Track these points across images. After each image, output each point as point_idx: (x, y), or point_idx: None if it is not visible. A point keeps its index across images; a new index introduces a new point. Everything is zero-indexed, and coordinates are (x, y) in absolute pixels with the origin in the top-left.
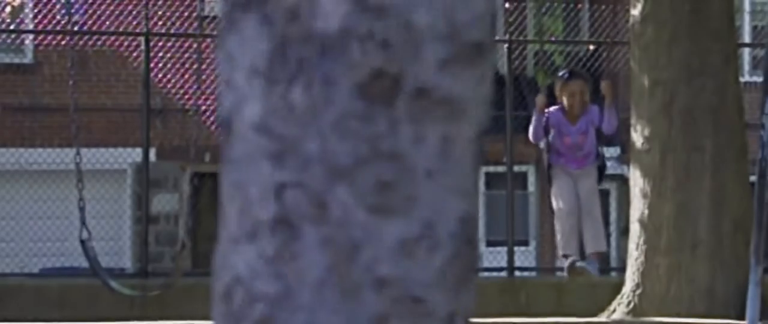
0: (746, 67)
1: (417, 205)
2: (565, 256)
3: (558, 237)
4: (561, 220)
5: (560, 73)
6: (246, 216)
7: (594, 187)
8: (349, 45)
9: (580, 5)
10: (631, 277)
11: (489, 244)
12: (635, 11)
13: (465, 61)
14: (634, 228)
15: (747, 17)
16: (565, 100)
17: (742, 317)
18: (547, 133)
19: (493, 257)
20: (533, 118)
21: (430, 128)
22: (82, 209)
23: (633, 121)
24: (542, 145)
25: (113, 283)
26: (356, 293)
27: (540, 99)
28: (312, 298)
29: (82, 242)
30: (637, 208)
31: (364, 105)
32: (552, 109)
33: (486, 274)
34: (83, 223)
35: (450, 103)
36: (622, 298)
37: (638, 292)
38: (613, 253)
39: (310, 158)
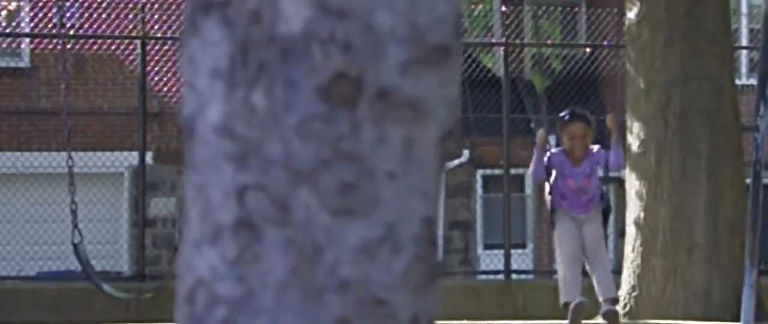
0: (743, 69)
1: (379, 207)
2: (566, 305)
3: (560, 284)
4: (563, 266)
5: (561, 114)
6: (208, 219)
7: (600, 231)
8: (310, 47)
9: (576, 8)
10: (627, 279)
11: (486, 247)
12: (631, 14)
13: (428, 63)
14: (630, 230)
15: (744, 20)
16: (566, 143)
17: (737, 320)
18: (549, 173)
19: (490, 260)
20: (534, 156)
21: (392, 130)
22: (74, 212)
23: (629, 123)
24: (547, 189)
25: (106, 287)
26: (319, 296)
27: (541, 134)
28: (274, 301)
29: (75, 246)
30: (633, 210)
31: (325, 107)
32: (554, 150)
33: (483, 276)
34: (76, 226)
35: (413, 105)
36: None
37: (634, 294)
38: (610, 256)
39: (272, 161)
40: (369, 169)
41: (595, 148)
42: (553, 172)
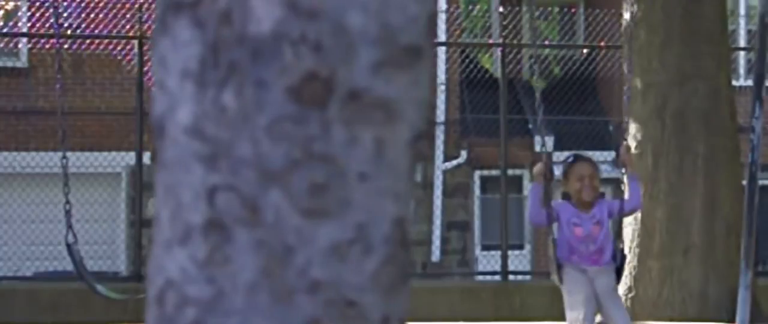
0: (741, 71)
1: (350, 208)
2: None
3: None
4: (575, 312)
5: (565, 158)
6: (178, 219)
7: (613, 285)
8: (281, 48)
9: (574, 9)
10: (623, 280)
11: (484, 247)
12: (628, 15)
13: (399, 63)
14: (627, 231)
15: (742, 21)
16: (573, 186)
17: (733, 321)
18: (550, 222)
19: (487, 261)
20: (531, 194)
21: (363, 131)
22: (68, 213)
23: (626, 124)
24: (550, 248)
25: (99, 287)
26: (289, 297)
27: (538, 167)
28: (244, 302)
29: (68, 246)
30: None
31: (296, 108)
32: (558, 202)
33: (480, 277)
34: (69, 226)
35: (384, 106)
36: None
37: (631, 295)
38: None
39: (242, 161)
40: (340, 170)
41: (606, 199)
42: (557, 227)
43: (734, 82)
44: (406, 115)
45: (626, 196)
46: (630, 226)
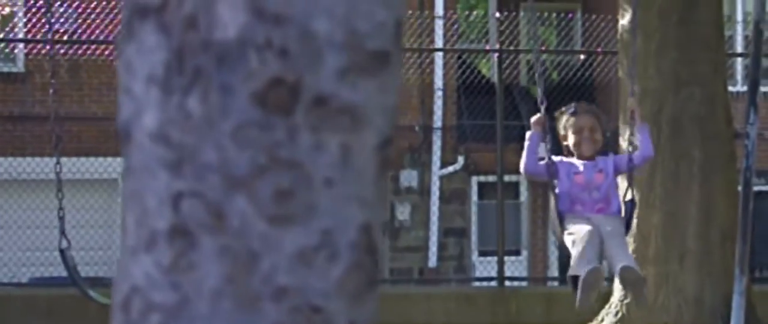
0: (739, 77)
1: (316, 215)
2: (574, 279)
3: (572, 262)
4: (578, 244)
5: (565, 109)
6: (143, 225)
7: (621, 230)
8: (246, 53)
9: (572, 15)
10: (619, 286)
11: (481, 254)
12: (624, 21)
13: (366, 69)
14: None
15: (739, 27)
16: (571, 139)
17: None
18: (549, 174)
19: (484, 267)
20: (527, 143)
21: (329, 137)
22: (61, 219)
23: (622, 130)
24: (552, 202)
25: (92, 293)
26: (254, 303)
27: (537, 117)
28: (209, 309)
29: (61, 251)
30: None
31: (262, 113)
32: (555, 158)
33: (477, 283)
34: (62, 232)
35: (350, 112)
36: (610, 307)
37: (626, 301)
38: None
39: (207, 167)
40: (305, 176)
41: (610, 155)
42: (557, 182)
43: (731, 88)
44: (372, 121)
45: (640, 145)
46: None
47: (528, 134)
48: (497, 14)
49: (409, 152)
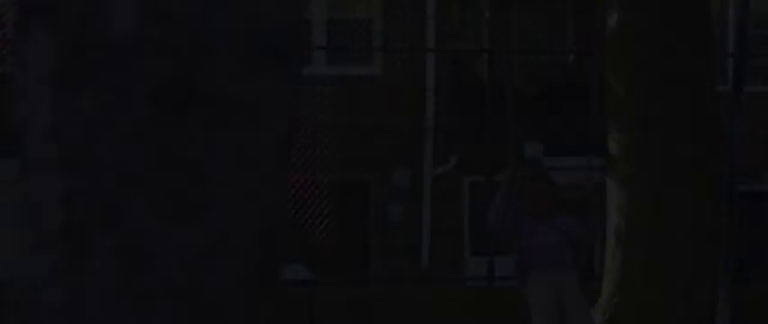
0: (729, 77)
1: (211, 214)
2: None
3: None
4: (539, 312)
5: (523, 165)
6: (36, 225)
7: (576, 288)
8: (139, 52)
9: (563, 15)
10: (607, 287)
11: (474, 253)
12: (612, 21)
13: (262, 68)
14: (611, 238)
15: (730, 28)
16: (526, 203)
17: None
18: (513, 230)
19: (476, 266)
20: (497, 200)
21: (224, 135)
22: None
23: (610, 131)
24: (517, 251)
25: None
26: (149, 304)
27: (505, 176)
28: (102, 310)
29: None
30: (614, 218)
31: (155, 112)
32: (518, 213)
33: (469, 283)
34: None
35: (245, 111)
36: (598, 307)
37: (614, 301)
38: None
39: (100, 167)
40: (200, 176)
41: (565, 218)
42: (520, 235)
43: (723, 88)
44: (269, 120)
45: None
46: (614, 232)
47: (500, 192)
48: (486, 14)
49: (402, 152)
